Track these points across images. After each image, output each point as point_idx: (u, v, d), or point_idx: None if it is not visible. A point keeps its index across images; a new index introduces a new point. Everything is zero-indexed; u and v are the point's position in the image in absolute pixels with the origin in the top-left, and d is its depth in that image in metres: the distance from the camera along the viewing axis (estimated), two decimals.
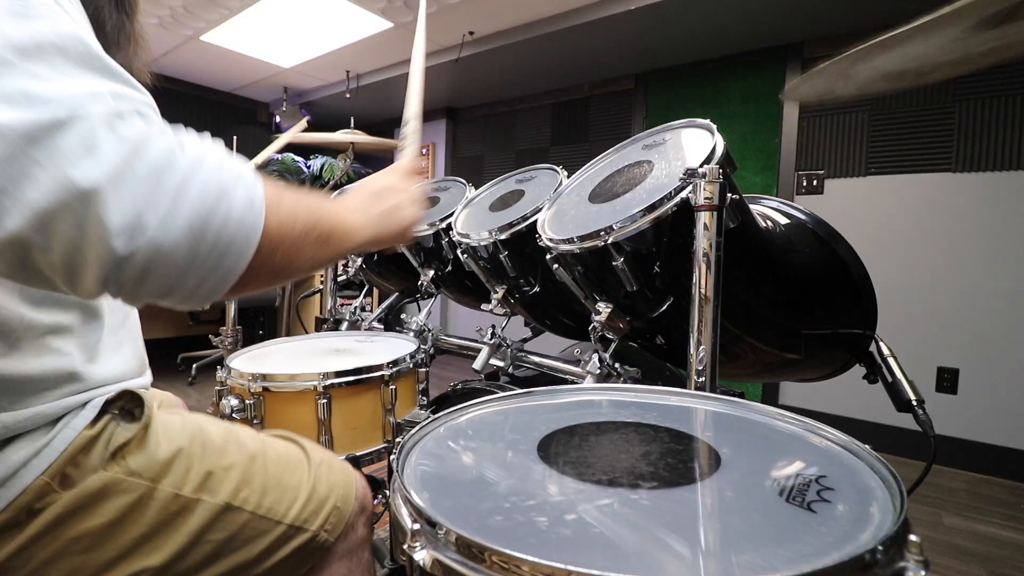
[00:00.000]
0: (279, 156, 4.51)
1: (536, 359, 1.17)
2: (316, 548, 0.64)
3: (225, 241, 0.38)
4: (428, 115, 4.59)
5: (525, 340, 1.25)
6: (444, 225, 1.25)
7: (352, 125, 1.94)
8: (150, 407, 0.57)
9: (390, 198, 0.61)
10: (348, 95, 4.05)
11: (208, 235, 0.37)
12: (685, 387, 0.71)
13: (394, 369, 1.03)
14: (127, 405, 0.56)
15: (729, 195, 0.70)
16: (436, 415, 0.59)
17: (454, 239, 1.15)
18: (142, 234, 0.34)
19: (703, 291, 0.71)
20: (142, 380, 0.63)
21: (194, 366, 3.44)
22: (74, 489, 0.49)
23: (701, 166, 0.70)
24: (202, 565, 0.56)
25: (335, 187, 1.89)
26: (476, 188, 1.37)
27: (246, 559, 0.59)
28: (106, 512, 0.51)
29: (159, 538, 0.53)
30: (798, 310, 0.93)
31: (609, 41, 3.00)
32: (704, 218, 0.70)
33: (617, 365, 0.93)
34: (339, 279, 1.82)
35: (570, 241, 0.83)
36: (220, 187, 0.38)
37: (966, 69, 0.72)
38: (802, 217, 0.95)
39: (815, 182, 2.79)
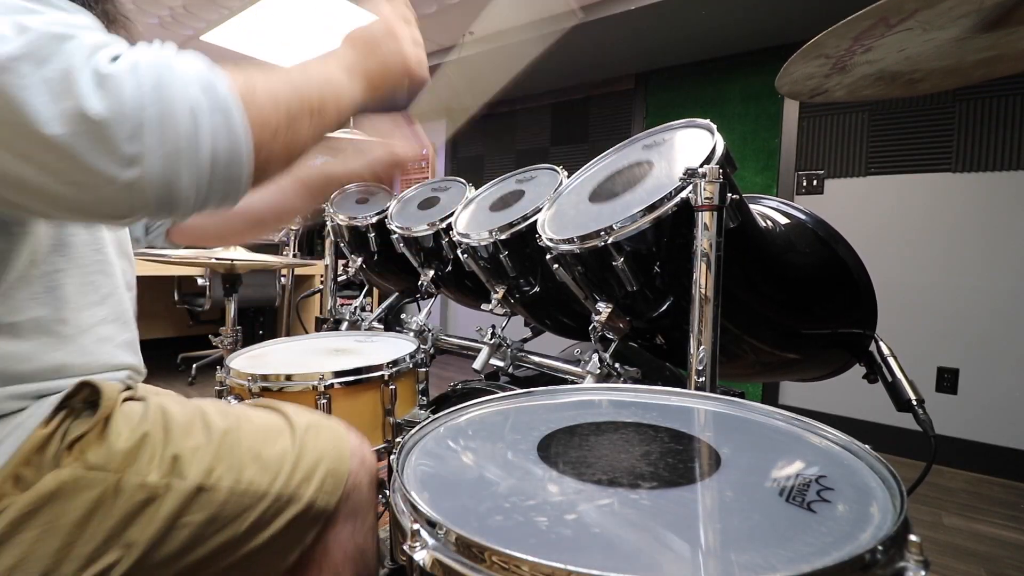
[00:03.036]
0: None
1: (536, 359, 1.17)
2: (317, 515, 0.62)
3: (222, 163, 0.41)
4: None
5: (525, 340, 1.25)
6: (444, 225, 1.25)
7: (351, 125, 1.95)
8: (111, 398, 0.54)
9: (385, 45, 0.57)
10: None
11: (200, 166, 0.40)
12: (685, 387, 0.71)
13: (394, 369, 1.03)
14: (89, 397, 0.54)
15: (729, 195, 0.70)
16: (436, 415, 0.59)
17: (454, 239, 1.15)
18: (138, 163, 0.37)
19: (703, 291, 0.71)
20: (117, 375, 0.62)
21: (194, 366, 3.44)
22: (30, 490, 0.48)
23: (701, 166, 0.70)
24: (187, 547, 0.55)
25: None
26: (476, 188, 1.37)
27: (235, 535, 0.57)
28: (70, 510, 0.49)
29: (132, 528, 0.52)
30: (798, 310, 0.93)
31: (609, 41, 3.00)
32: (704, 218, 0.70)
33: (617, 365, 0.93)
34: (339, 279, 1.82)
35: (570, 241, 0.83)
36: (193, 111, 0.39)
37: (956, 82, 0.73)
38: (802, 217, 0.95)
39: (815, 182, 2.79)
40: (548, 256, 0.88)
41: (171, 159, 0.38)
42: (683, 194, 0.72)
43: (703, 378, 0.72)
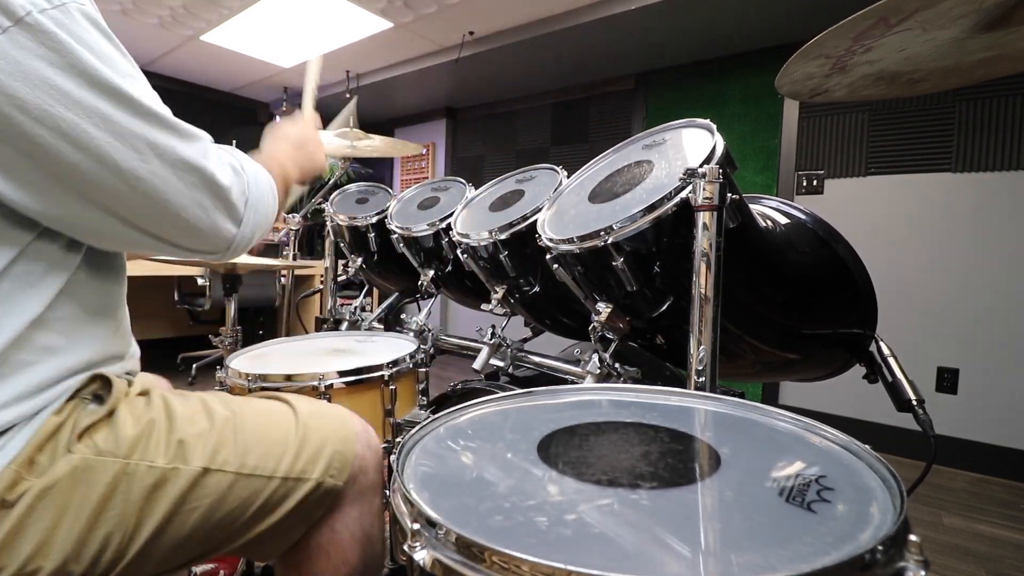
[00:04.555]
0: None
1: (536, 359, 1.17)
2: (326, 494, 0.64)
3: (266, 225, 0.65)
4: (428, 115, 4.59)
5: (525, 340, 1.25)
6: (444, 225, 1.25)
7: (352, 126, 1.94)
8: (119, 391, 0.57)
9: (308, 148, 0.83)
10: (348, 95, 4.05)
11: (262, 227, 0.64)
12: (685, 387, 0.71)
13: (394, 369, 1.03)
14: (97, 390, 0.57)
15: (729, 195, 0.70)
16: (436, 415, 0.59)
17: (454, 239, 1.15)
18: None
19: (703, 291, 0.71)
20: (122, 365, 0.63)
21: (194, 366, 3.44)
22: (45, 476, 0.50)
23: (701, 166, 0.70)
24: (197, 529, 0.57)
25: (335, 187, 1.89)
26: (476, 188, 1.37)
27: (245, 516, 0.59)
28: (83, 494, 0.51)
29: (142, 511, 0.54)
30: (798, 310, 0.93)
31: (609, 41, 3.00)
32: (704, 218, 0.70)
33: (617, 365, 0.93)
34: (339, 279, 1.82)
35: (570, 241, 0.83)
36: (268, 196, 0.65)
37: (956, 82, 0.73)
38: (802, 217, 0.95)
39: (815, 182, 2.79)
40: (548, 256, 0.88)
41: (257, 225, 0.63)
42: (683, 194, 0.72)
43: (703, 378, 0.72)
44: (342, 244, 1.68)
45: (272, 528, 0.61)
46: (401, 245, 1.38)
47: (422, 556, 0.35)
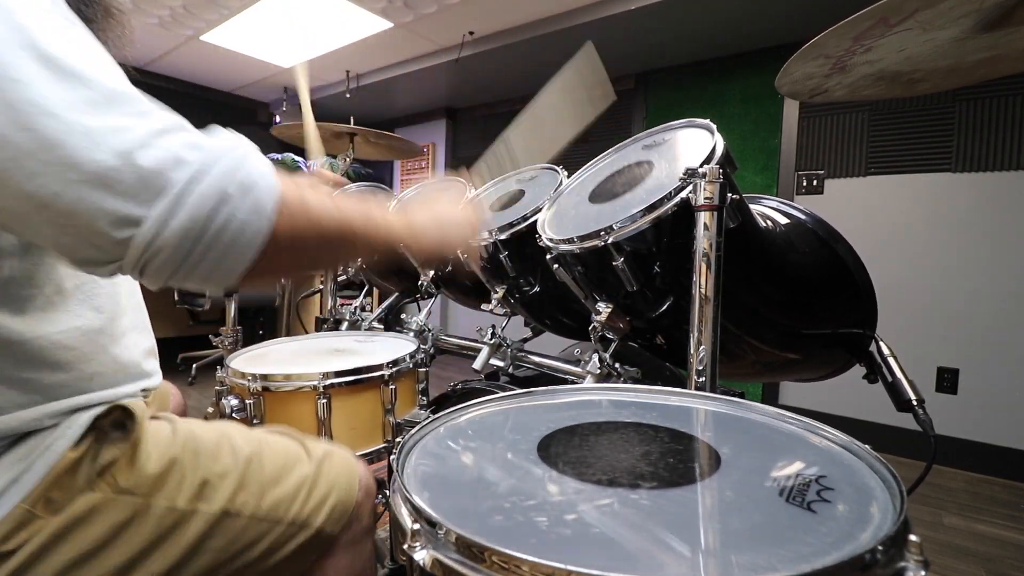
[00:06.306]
0: (279, 156, 4.51)
1: (536, 359, 1.16)
2: (321, 542, 0.64)
3: (224, 243, 0.42)
4: (428, 115, 4.59)
5: (525, 340, 1.25)
6: None
7: (352, 124, 1.95)
8: (141, 421, 0.55)
9: (447, 229, 0.69)
10: (348, 95, 4.05)
11: (205, 237, 0.41)
12: (685, 387, 0.71)
13: (394, 369, 1.03)
14: (118, 419, 0.55)
15: (729, 195, 0.70)
16: (436, 415, 0.59)
17: None
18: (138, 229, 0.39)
19: (703, 291, 0.71)
20: (140, 384, 0.62)
21: (194, 366, 3.44)
22: (61, 514, 0.48)
23: (701, 166, 0.70)
24: (205, 572, 0.55)
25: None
26: (476, 188, 1.37)
27: (247, 561, 0.58)
28: (97, 532, 0.50)
29: (156, 552, 0.52)
30: (798, 310, 0.93)
31: (609, 41, 3.00)
32: (704, 218, 0.70)
33: (617, 365, 0.93)
34: (339, 279, 1.81)
35: (570, 241, 0.83)
36: (223, 194, 0.41)
37: (956, 82, 0.73)
38: (802, 217, 0.95)
39: (815, 182, 2.79)
40: (548, 256, 0.88)
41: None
42: (683, 194, 0.72)
43: (703, 378, 0.72)
44: None
45: (269, 571, 0.60)
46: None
47: (422, 556, 0.35)
